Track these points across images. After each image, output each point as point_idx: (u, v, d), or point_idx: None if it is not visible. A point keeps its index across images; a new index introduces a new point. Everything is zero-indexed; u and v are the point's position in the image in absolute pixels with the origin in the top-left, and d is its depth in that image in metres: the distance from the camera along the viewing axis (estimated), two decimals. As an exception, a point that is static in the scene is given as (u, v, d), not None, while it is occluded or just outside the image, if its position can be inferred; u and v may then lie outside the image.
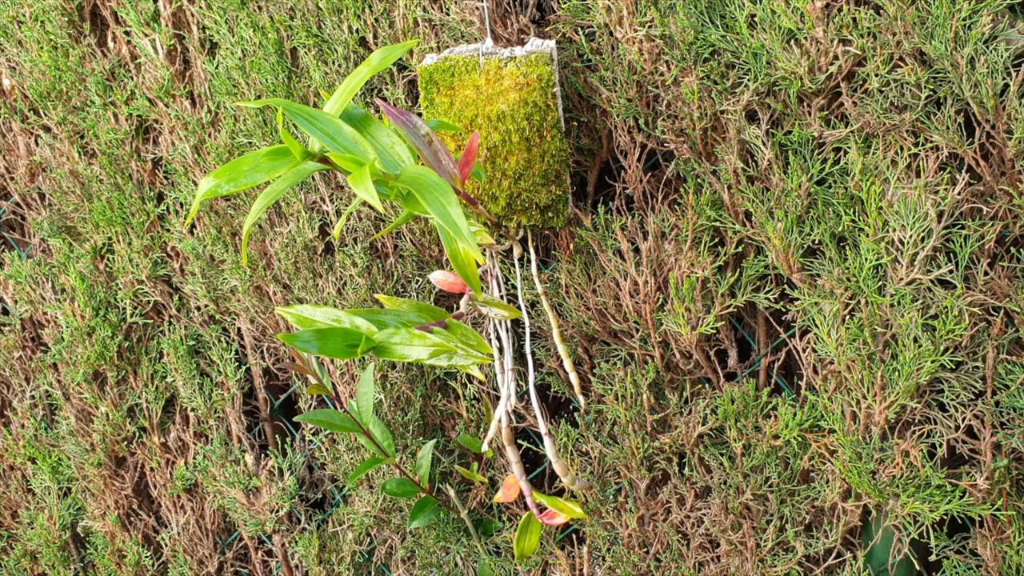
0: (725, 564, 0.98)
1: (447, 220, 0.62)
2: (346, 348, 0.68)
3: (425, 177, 0.64)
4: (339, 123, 0.61)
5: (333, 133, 0.61)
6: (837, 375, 0.89)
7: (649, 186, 0.98)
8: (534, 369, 0.99)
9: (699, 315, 0.94)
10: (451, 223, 0.62)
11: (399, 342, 0.72)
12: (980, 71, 0.79)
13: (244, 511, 1.27)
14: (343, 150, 0.61)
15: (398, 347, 0.72)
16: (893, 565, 0.93)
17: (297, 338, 0.66)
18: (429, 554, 1.18)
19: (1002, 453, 0.85)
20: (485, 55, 0.91)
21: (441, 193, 0.63)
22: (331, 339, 0.67)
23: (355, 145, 0.62)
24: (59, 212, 1.37)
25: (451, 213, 0.63)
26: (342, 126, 0.61)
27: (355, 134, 0.62)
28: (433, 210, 0.63)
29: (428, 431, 1.17)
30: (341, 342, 0.68)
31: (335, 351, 0.67)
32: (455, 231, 0.62)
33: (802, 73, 0.86)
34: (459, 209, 0.63)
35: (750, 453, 0.95)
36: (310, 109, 0.61)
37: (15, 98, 1.40)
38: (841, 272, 0.87)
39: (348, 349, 0.68)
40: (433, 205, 0.63)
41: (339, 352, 0.68)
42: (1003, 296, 0.84)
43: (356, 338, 0.68)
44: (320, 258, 1.17)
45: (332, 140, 0.61)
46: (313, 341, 0.66)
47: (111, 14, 1.29)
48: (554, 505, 1.00)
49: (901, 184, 0.84)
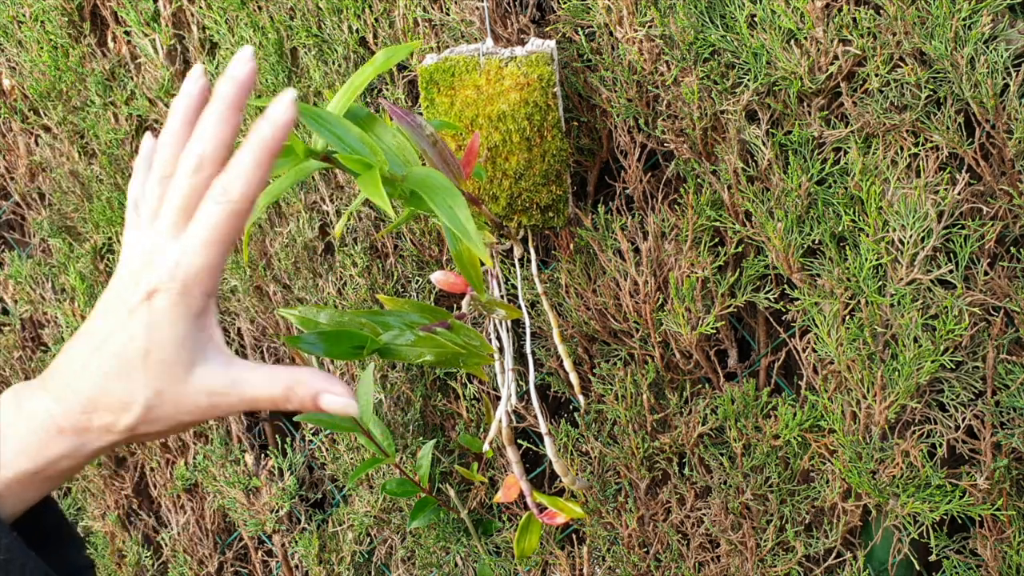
0: (725, 564, 0.98)
1: (455, 223, 0.63)
2: (351, 350, 0.68)
3: (432, 179, 0.64)
4: (347, 124, 0.61)
5: (341, 134, 0.61)
6: (837, 375, 0.90)
7: (649, 186, 0.98)
8: (534, 369, 0.99)
9: (699, 315, 0.94)
10: (459, 226, 0.62)
11: (404, 344, 0.72)
12: (980, 71, 0.79)
13: (244, 511, 1.27)
14: (350, 151, 0.61)
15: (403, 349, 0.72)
16: (893, 565, 0.93)
17: (302, 340, 0.66)
18: (429, 554, 1.18)
19: (1002, 453, 0.85)
20: (485, 55, 0.91)
21: (449, 195, 0.63)
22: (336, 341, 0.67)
23: (362, 146, 0.62)
24: (59, 212, 1.37)
25: (459, 215, 0.63)
26: (350, 127, 0.61)
27: (362, 135, 0.62)
28: (441, 212, 0.63)
29: (428, 431, 1.17)
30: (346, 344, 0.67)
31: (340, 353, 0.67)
32: (463, 234, 0.62)
33: (802, 73, 0.86)
34: (467, 211, 0.63)
35: (750, 453, 0.95)
36: (316, 109, 0.61)
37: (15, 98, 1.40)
38: (841, 272, 0.87)
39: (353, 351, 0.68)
40: (441, 207, 0.63)
41: (344, 354, 0.68)
42: (1003, 296, 0.84)
43: (361, 340, 0.68)
44: (320, 258, 1.17)
45: (339, 140, 0.61)
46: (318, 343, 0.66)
47: (111, 14, 1.29)
48: (554, 505, 1.00)
49: (901, 184, 0.84)
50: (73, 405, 0.54)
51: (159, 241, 0.54)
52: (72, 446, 0.54)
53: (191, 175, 0.53)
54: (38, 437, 0.54)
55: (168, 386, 0.53)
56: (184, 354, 0.53)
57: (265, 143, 0.52)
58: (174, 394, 0.53)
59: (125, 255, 0.56)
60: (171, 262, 0.52)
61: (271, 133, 0.52)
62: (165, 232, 0.53)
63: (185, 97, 0.56)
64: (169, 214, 0.54)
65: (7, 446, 0.53)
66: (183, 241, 0.53)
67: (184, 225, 0.53)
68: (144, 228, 0.55)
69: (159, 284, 0.52)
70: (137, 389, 0.53)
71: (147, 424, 0.54)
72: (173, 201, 0.53)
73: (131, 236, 0.56)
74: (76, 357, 0.54)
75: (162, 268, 0.52)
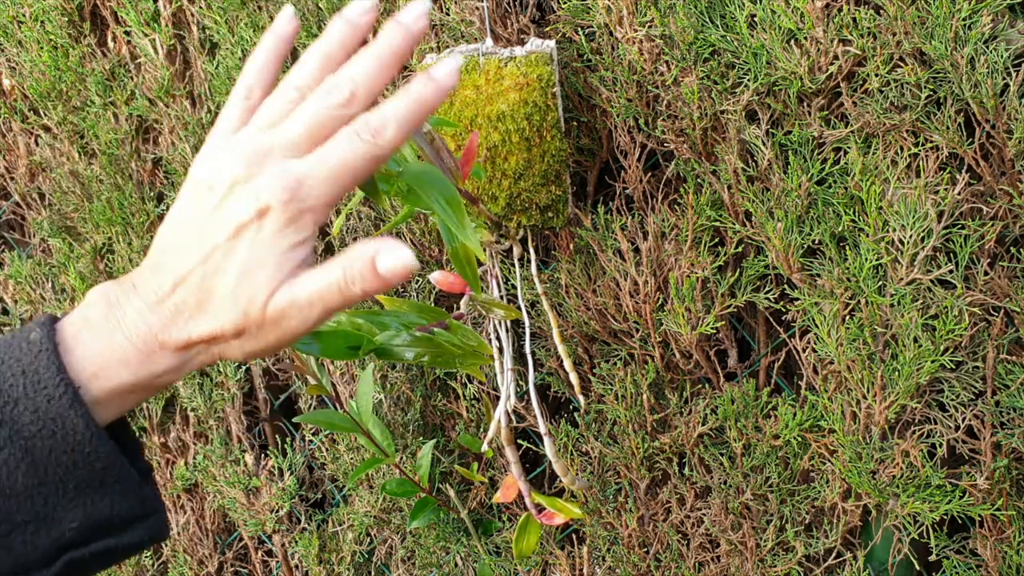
0: (725, 564, 0.98)
1: (450, 218, 0.63)
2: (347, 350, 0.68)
3: (428, 175, 0.64)
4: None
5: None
6: (837, 375, 0.89)
7: (649, 186, 0.98)
8: (534, 369, 0.99)
9: (699, 315, 0.94)
10: (454, 221, 0.62)
11: (401, 344, 0.72)
12: (980, 71, 0.79)
13: (244, 511, 1.27)
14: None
15: (400, 349, 0.72)
16: (893, 565, 0.93)
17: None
18: (429, 554, 1.18)
19: (1002, 453, 0.85)
20: (485, 55, 0.91)
21: (443, 191, 0.63)
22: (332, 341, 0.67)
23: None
24: (59, 212, 1.37)
25: (453, 212, 0.63)
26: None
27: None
28: (436, 207, 0.63)
29: (428, 431, 1.17)
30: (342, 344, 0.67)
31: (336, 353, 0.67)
32: (457, 229, 0.62)
33: (802, 73, 0.86)
34: (462, 207, 0.63)
35: (750, 453, 0.95)
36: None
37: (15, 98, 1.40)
38: (841, 272, 0.87)
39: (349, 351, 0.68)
40: (436, 202, 0.63)
41: (340, 354, 0.68)
42: (1003, 296, 0.84)
43: (357, 340, 0.68)
44: (320, 258, 1.17)
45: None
46: (314, 343, 0.66)
47: (111, 14, 1.29)
48: (553, 505, 1.00)
49: (901, 184, 0.84)
50: (171, 320, 0.51)
51: (275, 151, 0.50)
52: (174, 363, 0.52)
53: (338, 106, 0.50)
54: (138, 350, 0.51)
55: (260, 299, 0.50)
56: (274, 273, 0.50)
57: (423, 96, 0.50)
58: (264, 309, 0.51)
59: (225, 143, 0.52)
60: (291, 180, 0.49)
61: (428, 85, 0.50)
62: (286, 146, 0.50)
63: (347, 25, 0.53)
64: (297, 131, 0.50)
65: (108, 355, 0.51)
66: (311, 163, 0.50)
67: (309, 149, 0.50)
68: (254, 130, 0.52)
69: (273, 201, 0.49)
70: (230, 306, 0.51)
71: (245, 339, 0.52)
72: (306, 122, 0.50)
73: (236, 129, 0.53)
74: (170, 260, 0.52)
75: (279, 183, 0.49)
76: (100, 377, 0.51)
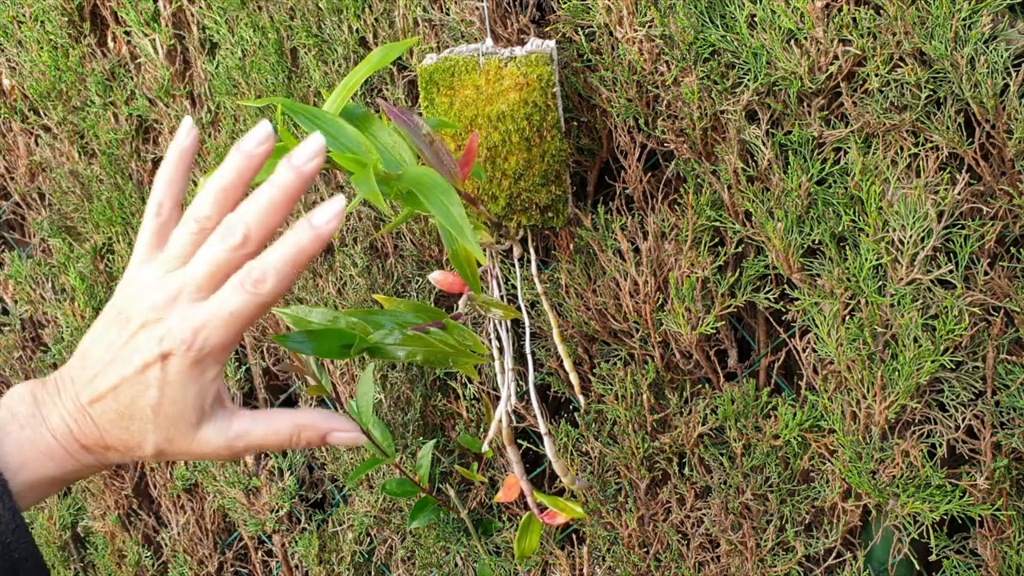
0: (725, 564, 0.98)
1: (450, 220, 0.62)
2: (340, 349, 0.68)
3: (428, 177, 0.64)
4: (341, 122, 0.61)
5: (336, 132, 0.61)
6: (837, 375, 0.89)
7: (649, 186, 0.98)
8: (534, 369, 0.99)
9: (699, 315, 0.94)
10: (454, 223, 0.62)
11: (393, 343, 0.72)
12: (980, 71, 0.79)
13: (244, 511, 1.27)
14: (345, 150, 0.61)
15: (392, 348, 0.72)
16: (893, 565, 0.93)
17: (289, 339, 0.66)
18: (429, 554, 1.18)
19: (1002, 453, 0.85)
20: (485, 55, 0.91)
21: (444, 193, 0.63)
22: (324, 340, 0.67)
23: (357, 145, 0.61)
24: (59, 212, 1.37)
25: (454, 213, 0.63)
26: (344, 126, 0.61)
27: (357, 134, 0.62)
28: (436, 210, 0.63)
29: (428, 431, 1.17)
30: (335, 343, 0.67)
31: (329, 352, 0.67)
32: (458, 232, 0.62)
33: (802, 73, 0.86)
34: (462, 209, 0.63)
35: (750, 453, 0.95)
36: (312, 108, 0.61)
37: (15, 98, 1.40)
38: (841, 272, 0.87)
39: (342, 350, 0.68)
40: (436, 205, 0.63)
41: (333, 353, 0.67)
42: (1003, 296, 0.84)
43: (350, 339, 0.68)
44: (320, 258, 1.17)
45: (334, 140, 0.61)
46: (306, 342, 0.66)
47: (111, 14, 1.29)
48: (555, 505, 1.00)
49: (901, 184, 0.84)
50: (90, 430, 0.55)
51: (183, 295, 0.54)
52: (93, 462, 0.56)
53: (234, 248, 0.53)
54: (61, 447, 0.55)
55: (176, 435, 0.55)
56: (190, 414, 0.54)
57: (300, 245, 0.53)
58: (183, 442, 0.55)
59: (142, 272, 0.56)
60: (189, 328, 0.53)
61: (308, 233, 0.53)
62: (190, 290, 0.54)
63: (244, 157, 0.56)
64: (201, 272, 0.54)
65: (33, 449, 0.54)
66: (206, 311, 0.53)
67: (210, 292, 0.54)
68: (166, 264, 0.55)
69: (174, 348, 0.53)
70: (148, 434, 0.55)
71: (163, 456, 0.56)
72: (206, 264, 0.54)
73: (150, 256, 0.57)
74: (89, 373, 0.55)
75: (179, 331, 0.53)
76: (26, 469, 0.54)
